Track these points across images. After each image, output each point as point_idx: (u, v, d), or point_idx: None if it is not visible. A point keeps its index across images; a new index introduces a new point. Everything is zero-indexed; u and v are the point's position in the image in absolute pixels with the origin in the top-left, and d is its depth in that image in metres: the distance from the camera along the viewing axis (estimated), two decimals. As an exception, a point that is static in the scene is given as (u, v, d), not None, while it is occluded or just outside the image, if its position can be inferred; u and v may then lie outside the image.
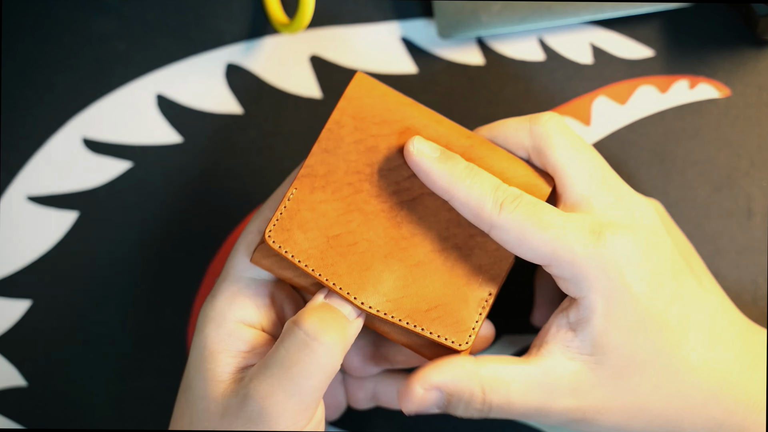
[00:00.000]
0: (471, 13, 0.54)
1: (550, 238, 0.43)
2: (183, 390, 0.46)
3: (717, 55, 0.55)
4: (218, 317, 0.45)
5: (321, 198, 0.46)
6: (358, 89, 0.47)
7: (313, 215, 0.46)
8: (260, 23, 0.56)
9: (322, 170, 0.46)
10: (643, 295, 0.44)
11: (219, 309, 0.46)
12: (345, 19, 0.56)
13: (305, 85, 0.56)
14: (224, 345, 0.45)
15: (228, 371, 0.45)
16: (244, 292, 0.46)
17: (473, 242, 0.46)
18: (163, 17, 0.57)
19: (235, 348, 0.45)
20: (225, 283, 0.46)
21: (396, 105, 0.47)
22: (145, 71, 0.56)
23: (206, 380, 0.45)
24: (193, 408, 0.45)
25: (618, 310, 0.44)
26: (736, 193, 0.55)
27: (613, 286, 0.44)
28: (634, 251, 0.44)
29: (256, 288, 0.46)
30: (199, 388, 0.45)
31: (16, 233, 0.56)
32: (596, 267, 0.44)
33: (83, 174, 0.56)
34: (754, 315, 0.54)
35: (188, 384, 0.46)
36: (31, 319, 0.56)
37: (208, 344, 0.45)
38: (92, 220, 0.56)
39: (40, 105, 0.56)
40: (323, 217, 0.46)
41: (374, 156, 0.46)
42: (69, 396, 0.56)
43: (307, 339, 0.43)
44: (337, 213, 0.46)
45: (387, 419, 0.55)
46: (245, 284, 0.46)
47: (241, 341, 0.45)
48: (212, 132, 0.56)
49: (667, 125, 0.55)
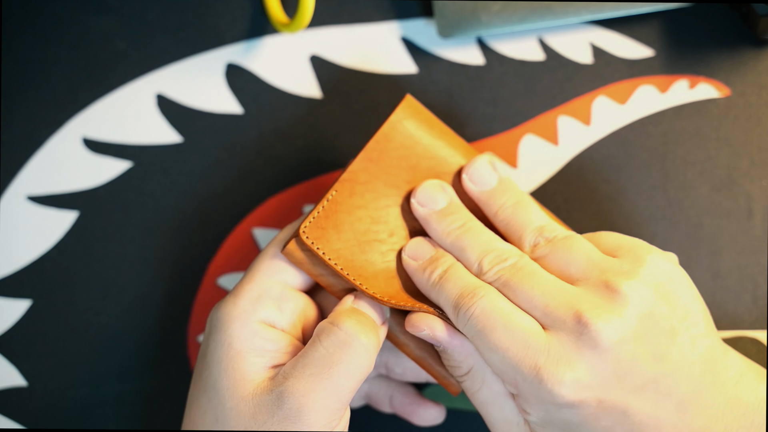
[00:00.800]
0: (471, 13, 0.54)
1: (499, 359, 0.43)
2: (203, 390, 0.46)
3: (717, 55, 0.55)
4: (243, 316, 0.45)
5: (359, 204, 0.47)
6: (408, 109, 0.48)
7: (349, 218, 0.47)
8: (260, 23, 0.56)
9: (364, 178, 0.47)
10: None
11: (243, 308, 0.46)
12: (345, 19, 0.56)
13: (305, 85, 0.56)
14: (251, 344, 0.45)
15: (256, 370, 0.45)
16: (269, 294, 0.46)
17: None
18: (163, 17, 0.57)
19: (262, 347, 0.45)
20: (249, 284, 0.46)
21: (439, 132, 0.49)
22: (145, 71, 0.56)
23: (234, 380, 0.45)
24: (218, 408, 0.45)
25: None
26: (736, 193, 0.55)
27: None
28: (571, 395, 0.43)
29: (281, 291, 0.47)
30: (225, 387, 0.45)
31: (16, 233, 0.56)
32: (536, 402, 0.44)
33: (83, 174, 0.56)
34: (754, 315, 0.54)
35: (212, 384, 0.45)
36: (31, 319, 0.56)
37: (234, 343, 0.45)
38: (92, 220, 0.56)
39: (40, 105, 0.56)
40: (359, 222, 0.47)
41: (414, 174, 0.48)
42: (69, 396, 0.56)
43: (347, 338, 0.44)
44: (372, 221, 0.47)
45: (387, 419, 0.55)
46: (269, 286, 0.46)
47: (267, 341, 0.45)
48: (212, 132, 0.56)
49: (667, 125, 0.55)
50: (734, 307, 0.54)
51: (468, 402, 0.54)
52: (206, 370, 0.46)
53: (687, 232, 0.55)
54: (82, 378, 0.56)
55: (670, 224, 0.55)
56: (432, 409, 0.53)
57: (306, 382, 0.43)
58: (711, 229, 0.55)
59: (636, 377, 0.42)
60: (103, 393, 0.56)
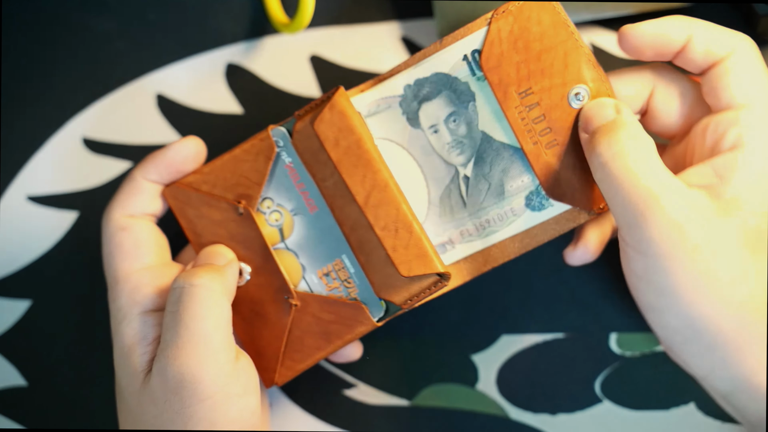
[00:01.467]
0: (471, 13, 0.54)
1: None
2: (118, 392, 0.47)
3: (717, 55, 0.55)
4: (126, 311, 0.47)
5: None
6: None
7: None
8: (260, 23, 0.56)
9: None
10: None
11: (123, 306, 0.47)
12: (345, 19, 0.56)
13: (305, 85, 0.56)
14: (137, 338, 0.46)
15: (146, 360, 0.46)
16: (149, 284, 0.47)
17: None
18: (163, 17, 0.57)
19: (152, 335, 0.46)
20: (119, 284, 0.47)
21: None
22: (145, 71, 0.57)
23: (129, 375, 0.46)
24: (126, 409, 0.46)
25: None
26: (736, 193, 0.55)
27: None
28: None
29: (152, 277, 0.47)
30: (125, 386, 0.46)
31: (16, 233, 0.56)
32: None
33: (83, 174, 0.56)
34: (754, 315, 0.54)
35: (117, 386, 0.47)
36: (31, 319, 0.56)
37: (126, 341, 0.46)
38: (92, 220, 0.56)
39: (41, 105, 0.57)
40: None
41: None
42: (69, 396, 0.56)
43: (182, 289, 0.44)
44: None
45: (388, 419, 0.55)
46: (140, 276, 0.47)
47: (151, 328, 0.46)
48: (212, 132, 0.56)
49: (667, 125, 0.55)
50: (734, 308, 0.54)
51: (468, 402, 0.54)
52: (116, 375, 0.47)
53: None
54: (82, 378, 0.56)
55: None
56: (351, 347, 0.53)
57: (171, 347, 0.44)
58: (711, 229, 0.55)
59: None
60: (103, 393, 0.56)
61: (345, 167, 0.47)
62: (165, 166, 0.48)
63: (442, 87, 0.48)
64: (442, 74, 0.47)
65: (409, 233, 0.46)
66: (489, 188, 0.48)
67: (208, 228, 0.49)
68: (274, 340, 0.49)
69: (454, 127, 0.48)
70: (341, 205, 0.47)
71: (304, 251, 0.49)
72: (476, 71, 0.47)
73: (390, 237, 0.47)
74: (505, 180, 0.48)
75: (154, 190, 0.49)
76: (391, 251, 0.46)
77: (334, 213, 0.48)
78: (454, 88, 0.47)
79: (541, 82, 0.46)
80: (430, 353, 0.55)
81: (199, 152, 0.49)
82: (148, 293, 0.47)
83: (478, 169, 0.48)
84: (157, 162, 0.48)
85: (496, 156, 0.48)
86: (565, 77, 0.46)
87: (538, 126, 0.47)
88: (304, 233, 0.48)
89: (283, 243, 0.49)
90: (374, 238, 0.47)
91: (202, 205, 0.49)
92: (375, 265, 0.47)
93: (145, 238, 0.48)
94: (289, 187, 0.48)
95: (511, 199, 0.48)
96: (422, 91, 0.48)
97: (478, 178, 0.48)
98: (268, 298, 0.49)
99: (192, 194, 0.49)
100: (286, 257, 0.49)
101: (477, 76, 0.47)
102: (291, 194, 0.48)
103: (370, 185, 0.47)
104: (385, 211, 0.47)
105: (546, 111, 0.46)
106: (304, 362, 0.49)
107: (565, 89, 0.46)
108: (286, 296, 0.48)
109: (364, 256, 0.47)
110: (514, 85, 0.46)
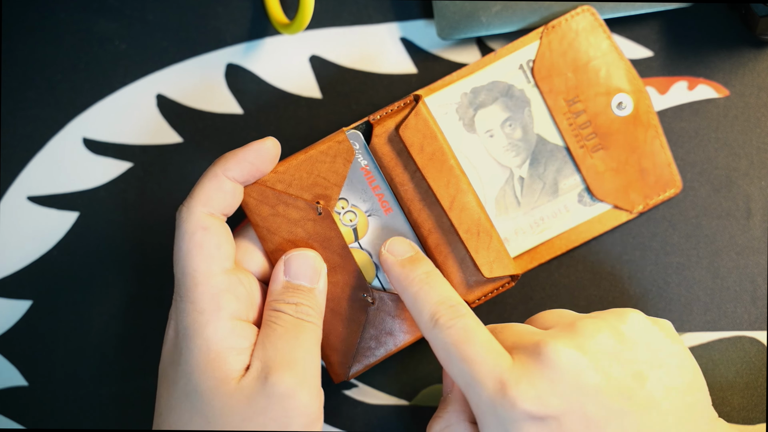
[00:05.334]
0: (471, 13, 0.54)
1: (467, 371, 0.44)
2: (183, 396, 0.46)
3: (716, 56, 0.55)
4: (213, 316, 0.46)
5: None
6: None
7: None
8: (260, 24, 0.56)
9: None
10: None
11: (207, 308, 0.46)
12: (345, 19, 0.56)
13: (305, 85, 0.56)
14: (228, 343, 0.46)
15: (237, 368, 0.46)
16: (225, 287, 0.47)
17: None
18: (163, 17, 0.57)
19: (240, 345, 0.46)
20: (199, 287, 0.47)
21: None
22: (146, 72, 0.57)
23: (217, 380, 0.45)
24: (206, 410, 0.46)
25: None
26: (735, 194, 0.55)
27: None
28: (533, 408, 0.42)
29: (230, 282, 0.47)
30: (209, 389, 0.45)
31: (16, 233, 0.56)
32: (494, 422, 0.43)
33: (83, 174, 0.56)
34: (753, 315, 0.54)
35: (192, 389, 0.46)
36: (31, 319, 0.56)
37: (212, 346, 0.46)
38: (92, 220, 0.56)
39: (41, 105, 0.57)
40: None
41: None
42: (69, 396, 0.56)
43: (296, 322, 0.46)
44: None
45: (388, 419, 0.55)
46: (220, 280, 0.47)
47: (242, 337, 0.46)
48: (212, 132, 0.56)
49: (667, 126, 0.55)
50: (734, 307, 0.54)
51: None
52: (183, 377, 0.46)
53: (686, 233, 0.55)
54: (82, 378, 0.56)
55: (669, 225, 0.55)
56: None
57: (281, 362, 0.45)
58: (710, 229, 0.55)
59: (600, 407, 0.43)
60: (103, 393, 0.56)
61: (430, 172, 0.49)
62: (248, 165, 0.48)
63: (498, 94, 0.52)
64: (499, 82, 0.52)
65: (489, 237, 0.49)
66: (543, 187, 0.52)
67: (284, 226, 0.50)
68: (350, 336, 0.50)
69: (510, 131, 0.52)
70: (420, 207, 0.50)
71: (377, 251, 0.50)
72: (531, 79, 0.52)
73: (473, 239, 0.49)
74: (559, 179, 0.52)
75: (233, 188, 0.48)
76: (474, 253, 0.49)
77: (412, 215, 0.50)
78: (511, 95, 0.52)
79: (587, 91, 0.52)
80: (430, 354, 0.55)
81: (277, 154, 0.49)
82: (232, 299, 0.47)
83: (533, 170, 0.52)
84: (239, 159, 0.48)
85: (551, 157, 0.52)
86: (609, 87, 0.52)
87: (585, 131, 0.52)
88: (378, 233, 0.50)
89: (357, 243, 0.51)
90: (455, 240, 0.50)
91: (279, 204, 0.50)
92: (452, 266, 0.50)
93: (224, 240, 0.47)
94: (364, 189, 0.50)
95: (564, 197, 0.52)
96: (478, 98, 0.52)
97: (533, 178, 0.52)
98: (344, 296, 0.50)
99: (269, 192, 0.50)
100: (361, 256, 0.51)
101: (532, 84, 0.52)
102: (366, 195, 0.50)
103: (454, 190, 0.49)
104: (468, 215, 0.49)
105: (591, 117, 0.52)
106: (375, 358, 0.51)
107: (609, 98, 0.52)
108: (363, 294, 0.50)
109: (442, 257, 0.50)
110: (562, 93, 0.51)
